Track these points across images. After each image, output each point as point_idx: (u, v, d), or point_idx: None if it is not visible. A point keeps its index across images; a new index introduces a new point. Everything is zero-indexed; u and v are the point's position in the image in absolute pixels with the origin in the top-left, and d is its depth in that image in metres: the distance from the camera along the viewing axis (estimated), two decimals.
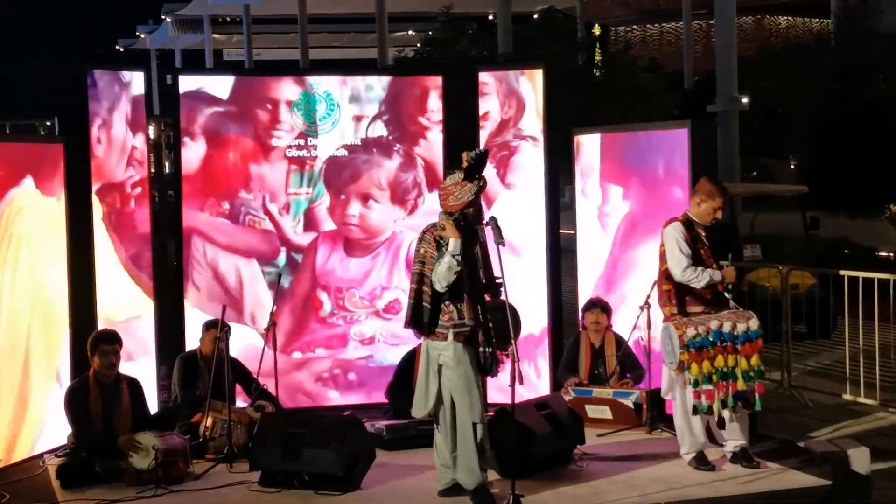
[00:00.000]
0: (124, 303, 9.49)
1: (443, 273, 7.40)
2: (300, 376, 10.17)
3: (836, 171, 23.92)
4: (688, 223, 8.23)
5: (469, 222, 7.57)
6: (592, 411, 9.34)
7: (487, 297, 7.60)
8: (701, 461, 8.22)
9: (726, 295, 8.13)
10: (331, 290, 10.23)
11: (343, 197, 10.21)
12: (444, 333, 7.50)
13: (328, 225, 10.18)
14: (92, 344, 8.48)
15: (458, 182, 7.56)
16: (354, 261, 10.25)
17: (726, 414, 8.14)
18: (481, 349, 7.49)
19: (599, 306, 9.76)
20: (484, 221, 7.63)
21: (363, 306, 10.27)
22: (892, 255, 19.85)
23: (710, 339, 7.97)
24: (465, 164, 7.54)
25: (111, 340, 8.51)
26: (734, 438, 8.30)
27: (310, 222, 10.15)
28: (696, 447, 8.25)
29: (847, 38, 27.84)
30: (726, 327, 7.98)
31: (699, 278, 8.06)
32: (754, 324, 8.01)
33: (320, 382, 10.23)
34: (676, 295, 8.19)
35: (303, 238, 10.14)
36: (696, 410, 8.08)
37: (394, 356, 10.10)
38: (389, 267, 10.26)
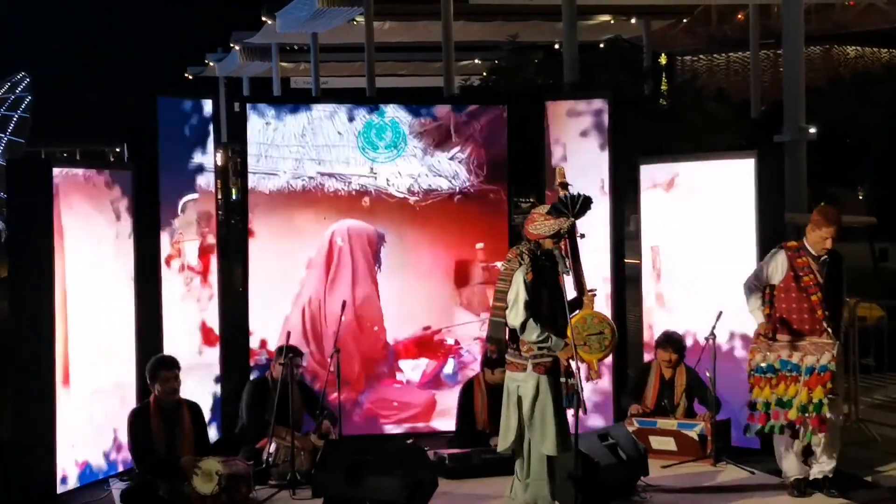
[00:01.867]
0: None
1: (528, 332, 7.37)
2: (372, 400, 10.20)
3: None
4: (799, 250, 8.21)
5: (547, 254, 7.52)
6: (656, 442, 9.27)
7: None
8: (798, 489, 8.21)
9: (824, 324, 8.07)
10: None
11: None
12: (524, 364, 7.45)
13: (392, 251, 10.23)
14: (152, 371, 8.54)
15: (543, 213, 7.53)
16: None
17: (815, 441, 8.14)
18: (563, 380, 7.41)
19: (672, 344, 9.57)
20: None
21: None
22: None
23: (776, 366, 8.04)
24: (560, 195, 7.50)
25: (170, 366, 8.57)
26: (820, 465, 8.28)
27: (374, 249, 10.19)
28: (794, 474, 8.27)
29: None
30: (795, 358, 8.00)
31: (747, 298, 8.22)
32: (825, 358, 7.98)
33: (391, 408, 10.24)
34: (772, 320, 8.19)
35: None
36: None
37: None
38: None
